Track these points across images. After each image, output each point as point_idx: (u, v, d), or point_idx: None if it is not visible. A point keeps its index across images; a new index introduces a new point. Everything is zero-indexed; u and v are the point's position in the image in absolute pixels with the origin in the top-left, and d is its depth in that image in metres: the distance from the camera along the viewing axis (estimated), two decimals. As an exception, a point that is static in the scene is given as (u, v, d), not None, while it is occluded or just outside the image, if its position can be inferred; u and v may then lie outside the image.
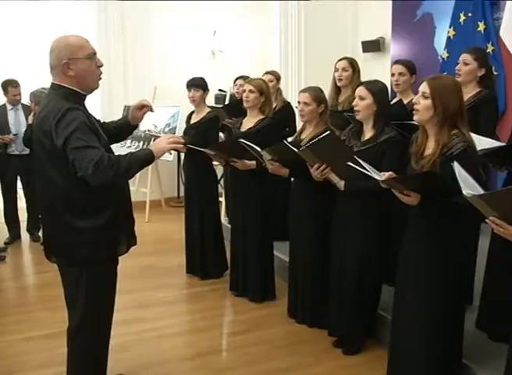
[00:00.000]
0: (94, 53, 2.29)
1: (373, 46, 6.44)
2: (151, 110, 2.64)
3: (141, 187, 6.59)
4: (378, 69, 4.45)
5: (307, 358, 3.16)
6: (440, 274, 2.42)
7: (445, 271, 2.42)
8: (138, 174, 6.58)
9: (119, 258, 2.46)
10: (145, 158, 2.25)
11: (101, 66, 2.34)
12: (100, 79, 2.36)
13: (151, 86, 6.63)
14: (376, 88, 2.92)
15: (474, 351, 2.76)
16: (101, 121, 2.53)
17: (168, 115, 6.55)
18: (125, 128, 2.66)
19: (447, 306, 2.46)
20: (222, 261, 4.40)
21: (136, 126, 2.68)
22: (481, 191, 1.82)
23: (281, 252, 4.18)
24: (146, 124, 6.53)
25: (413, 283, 2.51)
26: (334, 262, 3.16)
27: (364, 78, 3.56)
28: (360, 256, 3.00)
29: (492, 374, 2.57)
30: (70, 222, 2.25)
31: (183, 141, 2.36)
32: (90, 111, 2.32)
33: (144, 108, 2.62)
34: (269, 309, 3.82)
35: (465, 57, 3.26)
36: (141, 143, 6.54)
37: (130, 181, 2.53)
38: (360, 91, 2.92)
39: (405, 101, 3.57)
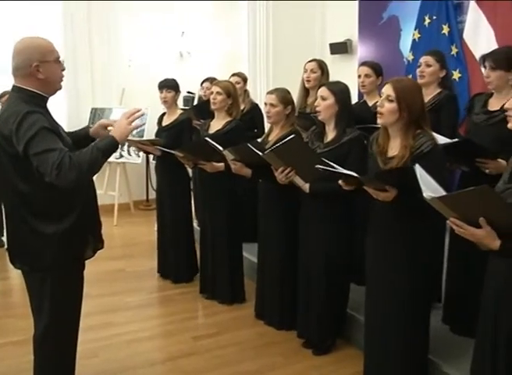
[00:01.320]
0: (59, 57, 2.26)
1: (341, 48, 6.48)
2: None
3: (109, 191, 6.52)
4: (346, 71, 4.49)
5: (276, 359, 3.16)
6: (409, 273, 2.46)
7: (414, 269, 2.46)
8: (106, 178, 6.54)
9: (87, 262, 2.42)
10: (109, 147, 2.19)
11: (64, 69, 2.30)
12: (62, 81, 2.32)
13: (119, 88, 6.57)
14: (338, 89, 2.95)
15: (440, 347, 2.81)
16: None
17: (142, 120, 6.47)
18: (83, 140, 2.57)
19: (415, 304, 2.50)
20: (194, 264, 4.38)
21: (93, 140, 2.62)
22: (443, 193, 1.84)
23: (250, 254, 4.18)
24: (113, 127, 6.44)
25: (382, 282, 2.55)
26: (301, 263, 3.18)
27: (332, 80, 3.59)
28: (327, 256, 3.02)
29: (458, 369, 2.63)
30: (34, 227, 2.22)
31: (140, 112, 2.29)
32: (57, 114, 2.28)
33: (108, 127, 2.56)
34: (239, 311, 3.82)
35: (427, 59, 3.32)
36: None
37: (98, 184, 2.49)
38: (322, 91, 2.95)
39: (371, 103, 3.62)
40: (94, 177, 2.33)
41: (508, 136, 1.97)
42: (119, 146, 2.28)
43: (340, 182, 2.47)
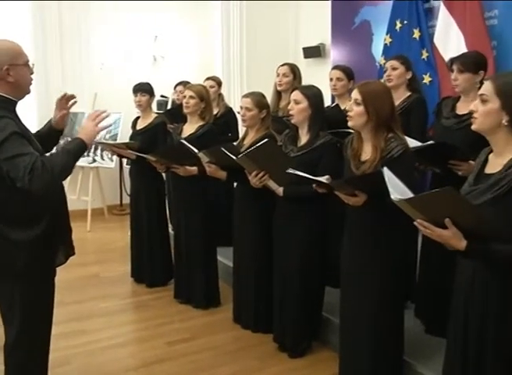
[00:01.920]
0: (29, 60, 2.24)
1: (314, 52, 6.53)
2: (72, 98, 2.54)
3: (82, 196, 6.43)
4: (320, 75, 4.51)
5: (252, 363, 3.16)
6: (382, 274, 2.48)
7: (387, 271, 2.49)
8: (79, 183, 6.46)
9: (60, 269, 2.39)
10: (78, 150, 2.19)
11: (33, 73, 2.27)
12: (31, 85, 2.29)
13: (91, 92, 6.50)
14: (311, 92, 2.97)
15: (414, 347, 2.84)
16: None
17: (110, 121, 6.39)
18: (48, 134, 2.55)
19: (389, 306, 2.53)
20: (168, 268, 4.35)
21: (61, 132, 2.59)
22: (411, 195, 1.86)
23: (225, 258, 4.17)
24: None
25: (357, 284, 2.57)
26: (277, 266, 3.18)
27: (306, 84, 3.60)
28: (302, 259, 3.03)
29: (432, 369, 2.66)
30: (4, 233, 2.18)
31: (106, 113, 2.30)
32: (27, 119, 2.24)
33: (62, 110, 2.54)
34: (214, 316, 3.80)
35: (392, 63, 3.40)
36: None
37: (71, 190, 2.46)
38: (296, 95, 2.96)
39: (344, 106, 3.64)
40: (67, 183, 2.30)
41: (477, 139, 2.00)
42: (89, 148, 2.26)
43: (314, 186, 2.50)
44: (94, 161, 6.40)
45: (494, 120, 1.85)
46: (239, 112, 3.49)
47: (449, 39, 4.54)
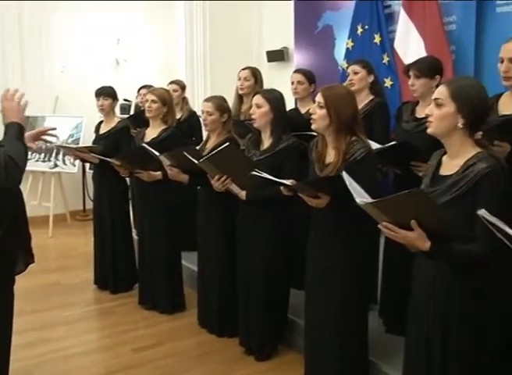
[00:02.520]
0: None
1: (277, 56, 6.56)
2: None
3: (44, 202, 6.30)
4: (283, 79, 4.54)
5: (218, 367, 3.14)
6: (346, 276, 2.51)
7: (351, 272, 2.52)
8: (40, 188, 6.32)
9: (21, 277, 2.34)
10: (21, 133, 2.19)
11: None
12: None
13: (52, 96, 6.39)
14: (273, 96, 2.98)
15: (379, 347, 2.87)
16: None
17: (71, 125, 6.32)
18: None
19: (353, 307, 2.56)
20: (133, 274, 4.30)
21: None
22: (369, 198, 1.89)
23: (190, 262, 4.14)
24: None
25: (321, 286, 2.59)
26: (241, 270, 3.18)
27: (269, 87, 3.62)
28: (266, 261, 3.03)
29: (397, 368, 2.67)
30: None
31: (20, 91, 2.27)
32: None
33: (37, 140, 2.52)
34: (179, 321, 3.77)
35: (353, 68, 3.45)
36: (42, 155, 6.26)
37: (31, 195, 2.42)
38: (257, 99, 2.98)
39: (305, 110, 3.68)
40: (27, 188, 2.26)
41: (436, 141, 2.04)
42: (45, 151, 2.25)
43: (282, 188, 2.52)
44: (56, 166, 6.27)
45: (450, 124, 1.89)
46: (200, 116, 3.49)
47: (409, 44, 4.63)
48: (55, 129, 2.53)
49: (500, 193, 1.83)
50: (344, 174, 2.05)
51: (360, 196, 1.89)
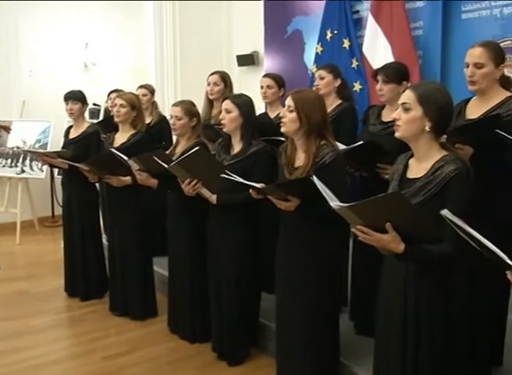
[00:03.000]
0: None
1: (248, 60, 6.58)
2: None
3: (11, 208, 6.18)
4: (254, 83, 4.56)
5: (191, 373, 3.13)
6: (315, 278, 2.53)
7: (320, 274, 2.54)
8: (6, 194, 6.22)
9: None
10: None
11: None
12: None
13: (19, 100, 6.28)
14: (242, 101, 2.99)
15: (350, 349, 2.90)
16: None
17: (39, 130, 6.22)
18: None
19: (324, 309, 2.57)
20: (103, 280, 4.25)
21: None
22: (338, 201, 1.91)
23: (161, 268, 4.11)
24: (14, 140, 6.17)
25: (291, 290, 2.61)
26: (212, 274, 3.17)
27: (240, 92, 3.63)
28: (237, 266, 3.03)
29: (368, 370, 2.70)
30: None
31: None
32: None
33: None
34: (151, 327, 3.74)
35: (320, 73, 3.49)
36: (9, 160, 6.15)
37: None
38: (226, 104, 2.98)
39: (274, 114, 3.70)
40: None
41: (402, 144, 2.08)
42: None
43: (251, 191, 2.52)
44: (23, 171, 6.16)
45: (417, 127, 1.94)
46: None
47: (377, 49, 4.69)
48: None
49: (468, 194, 1.88)
50: (315, 179, 2.06)
51: (331, 200, 1.91)
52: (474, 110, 2.56)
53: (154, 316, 3.87)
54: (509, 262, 1.26)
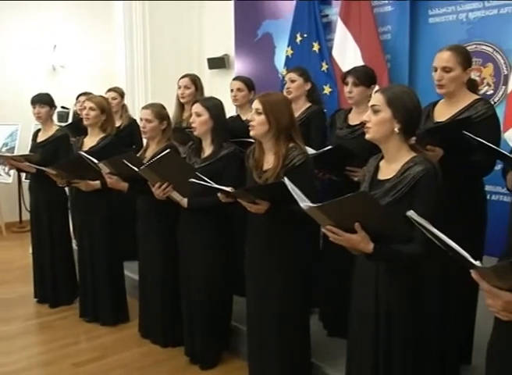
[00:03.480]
0: None
1: (218, 63, 6.58)
2: None
3: (-23, 213, 6.06)
4: (225, 86, 4.56)
5: (163, 378, 3.11)
6: (285, 279, 2.55)
7: (290, 277, 2.55)
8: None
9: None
10: None
11: None
12: None
13: (-15, 103, 6.17)
14: (212, 104, 2.98)
15: (322, 350, 2.92)
16: None
17: (6, 134, 6.11)
18: None
19: (294, 311, 2.59)
20: (73, 286, 4.19)
21: None
22: (309, 202, 1.92)
23: (132, 272, 4.08)
24: (-20, 145, 6.05)
25: (261, 292, 2.62)
26: (183, 278, 3.16)
27: (211, 95, 3.62)
28: (208, 269, 3.02)
29: (340, 370, 2.71)
30: None
31: None
32: None
33: None
34: (123, 332, 3.70)
35: (290, 75, 3.49)
36: (-25, 165, 6.02)
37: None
38: (196, 107, 2.97)
39: (245, 117, 3.70)
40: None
41: (371, 147, 2.11)
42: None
43: (219, 195, 2.52)
44: (-10, 176, 6.05)
45: (387, 129, 1.97)
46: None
47: (346, 52, 4.75)
48: None
49: (435, 194, 1.92)
50: (286, 180, 2.07)
51: (302, 201, 1.92)
52: (443, 113, 2.60)
53: (126, 321, 3.83)
54: (471, 260, 1.29)
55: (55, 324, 3.89)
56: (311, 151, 2.73)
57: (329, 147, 2.80)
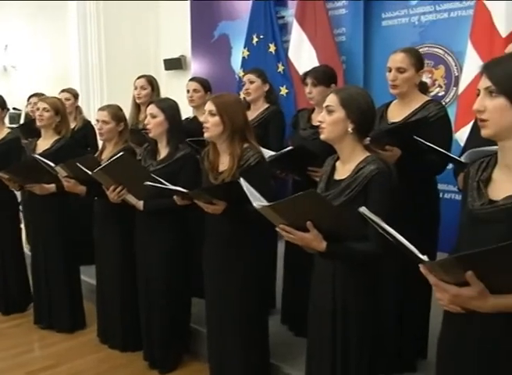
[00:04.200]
0: None
1: (175, 64, 6.54)
2: None
3: None
4: (182, 87, 4.53)
5: (121, 384, 3.06)
6: (242, 281, 2.54)
7: (247, 277, 2.55)
8: None
9: None
10: None
11: None
12: None
13: None
14: (167, 105, 2.95)
15: (281, 350, 2.93)
16: None
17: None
18: None
19: (252, 311, 2.59)
20: (26, 292, 4.07)
21: None
22: (265, 202, 1.93)
23: (89, 276, 4.00)
24: None
25: (218, 293, 2.61)
26: (141, 281, 3.12)
27: (168, 96, 3.59)
28: (166, 272, 2.99)
29: (300, 369, 2.73)
30: None
31: None
32: None
33: None
34: (79, 338, 3.62)
35: (249, 77, 3.50)
36: None
37: None
38: (151, 109, 2.93)
39: (202, 118, 3.68)
40: None
41: (332, 148, 2.12)
42: None
43: (175, 197, 2.50)
44: None
45: (340, 129, 1.99)
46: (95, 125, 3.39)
47: (302, 53, 4.80)
48: None
49: (388, 193, 1.94)
50: (242, 180, 2.07)
51: (257, 200, 1.92)
52: (396, 114, 2.66)
53: (83, 327, 3.74)
54: (420, 255, 1.32)
55: (8, 332, 3.77)
56: (270, 153, 2.73)
57: (290, 148, 2.81)
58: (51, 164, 3.11)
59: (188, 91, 3.78)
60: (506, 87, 1.34)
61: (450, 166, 2.65)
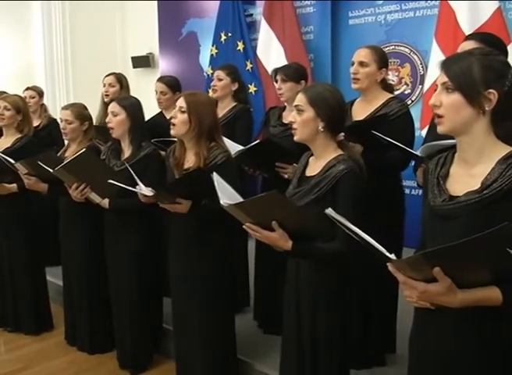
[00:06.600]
0: None
1: (143, 62, 6.48)
2: None
3: None
4: (150, 85, 4.49)
5: (92, 386, 3.03)
6: (209, 279, 2.54)
7: (213, 276, 2.54)
8: None
9: None
10: None
11: None
12: None
13: None
14: (128, 103, 2.91)
15: (253, 347, 2.95)
16: None
17: None
18: None
19: (219, 309, 2.59)
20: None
21: None
22: (240, 199, 1.93)
23: (56, 277, 3.94)
24: None
25: (185, 291, 2.60)
26: (111, 281, 3.08)
27: (136, 94, 3.55)
28: (136, 271, 2.96)
29: (271, 367, 2.73)
30: None
31: None
32: None
33: None
34: (47, 341, 3.56)
35: (218, 73, 3.47)
36: None
37: None
38: (113, 107, 2.88)
39: (168, 115, 3.64)
40: None
41: (303, 145, 2.12)
42: None
43: (140, 196, 2.48)
44: None
45: (311, 128, 1.99)
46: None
47: (271, 51, 4.83)
48: None
49: (358, 193, 1.95)
50: (215, 175, 2.05)
51: (230, 198, 1.92)
52: (360, 111, 2.69)
53: (50, 329, 3.68)
54: (387, 254, 1.33)
55: (-27, 337, 3.69)
56: (240, 147, 2.72)
57: (257, 141, 2.81)
58: (11, 161, 3.05)
59: (156, 92, 3.73)
60: (461, 84, 1.36)
61: (413, 162, 2.69)
